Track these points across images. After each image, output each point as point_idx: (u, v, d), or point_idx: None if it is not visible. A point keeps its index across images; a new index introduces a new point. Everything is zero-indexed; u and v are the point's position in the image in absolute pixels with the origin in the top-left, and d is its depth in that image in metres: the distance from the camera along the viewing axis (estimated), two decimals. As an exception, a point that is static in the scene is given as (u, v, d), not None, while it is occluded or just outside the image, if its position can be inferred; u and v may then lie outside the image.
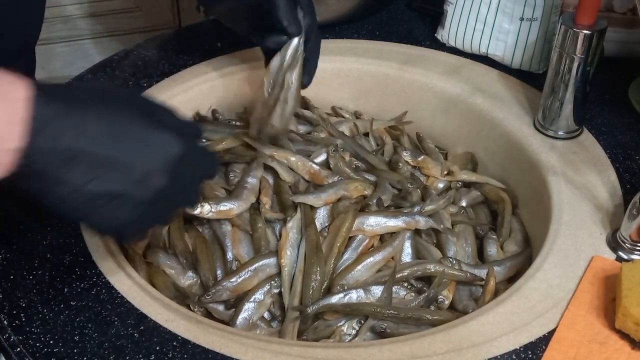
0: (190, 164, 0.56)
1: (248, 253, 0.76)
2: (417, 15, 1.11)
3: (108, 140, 0.50)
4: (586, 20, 0.78)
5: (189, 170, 0.57)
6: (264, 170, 0.83)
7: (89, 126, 0.49)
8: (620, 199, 0.77)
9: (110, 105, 0.52)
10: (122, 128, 0.51)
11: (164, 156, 0.53)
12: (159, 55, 0.99)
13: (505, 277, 0.77)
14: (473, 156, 0.94)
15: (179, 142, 0.54)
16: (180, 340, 0.61)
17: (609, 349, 0.62)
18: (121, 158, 0.51)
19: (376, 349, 0.62)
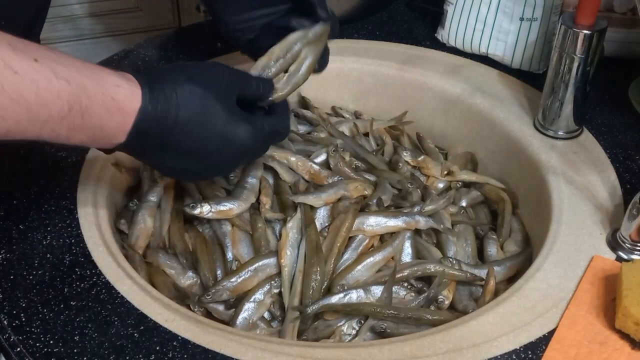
0: (258, 149, 0.70)
1: (248, 253, 0.76)
2: (417, 15, 1.11)
3: (192, 138, 0.62)
4: (586, 20, 0.78)
5: (256, 151, 0.72)
6: (264, 170, 0.83)
7: (181, 128, 0.61)
8: (620, 199, 0.77)
9: (198, 104, 0.61)
10: (205, 126, 0.62)
11: (234, 150, 0.65)
12: (159, 55, 0.99)
13: (505, 277, 0.77)
14: (473, 156, 0.94)
15: (250, 137, 0.65)
16: (180, 340, 0.61)
17: (609, 349, 0.62)
18: (200, 151, 0.63)
19: (376, 349, 0.62)
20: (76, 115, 0.54)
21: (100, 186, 0.78)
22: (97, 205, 0.76)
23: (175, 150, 0.62)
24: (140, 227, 0.78)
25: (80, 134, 0.56)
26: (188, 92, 0.61)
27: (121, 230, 0.79)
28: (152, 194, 0.80)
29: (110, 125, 0.57)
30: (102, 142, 0.59)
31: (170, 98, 0.60)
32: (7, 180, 0.77)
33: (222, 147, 0.64)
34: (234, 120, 0.64)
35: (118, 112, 0.57)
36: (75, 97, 0.54)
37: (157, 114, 0.59)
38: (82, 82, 0.55)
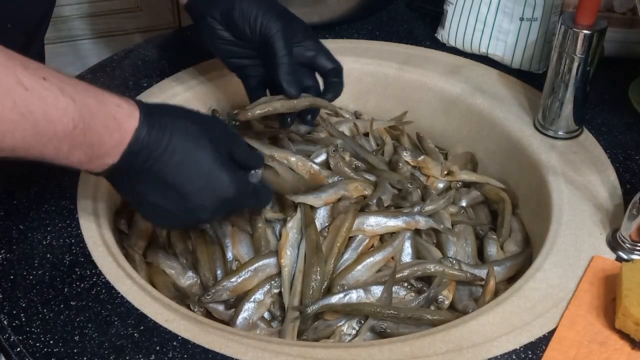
0: (238, 203, 0.67)
1: (248, 253, 0.76)
2: (417, 15, 1.11)
3: (177, 173, 0.62)
4: (586, 20, 0.78)
5: (236, 208, 0.71)
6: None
7: (170, 161, 0.61)
8: (620, 199, 0.77)
9: (195, 145, 0.62)
10: (192, 164, 0.62)
11: (215, 197, 0.64)
12: (159, 55, 0.99)
13: (505, 277, 0.77)
14: (473, 156, 0.94)
15: (233, 187, 0.64)
16: (180, 340, 0.61)
17: (609, 349, 0.62)
18: (182, 189, 0.62)
19: (376, 349, 0.62)
20: (79, 133, 0.56)
21: (100, 186, 0.78)
22: (97, 205, 0.76)
23: (158, 182, 0.62)
24: (140, 227, 0.78)
25: (79, 151, 0.57)
26: (184, 126, 0.62)
27: (121, 230, 0.79)
28: (152, 194, 0.80)
29: (109, 144, 0.58)
30: (96, 162, 0.59)
31: (166, 126, 0.61)
32: (7, 180, 0.77)
33: (205, 189, 0.63)
34: (222, 166, 0.64)
35: (117, 131, 0.58)
36: (79, 114, 0.55)
37: (151, 138, 0.60)
38: (87, 101, 0.56)
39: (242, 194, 0.66)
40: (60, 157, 0.57)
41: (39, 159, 0.57)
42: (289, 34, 0.78)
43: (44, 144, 0.55)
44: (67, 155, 0.57)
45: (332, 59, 0.82)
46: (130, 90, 0.91)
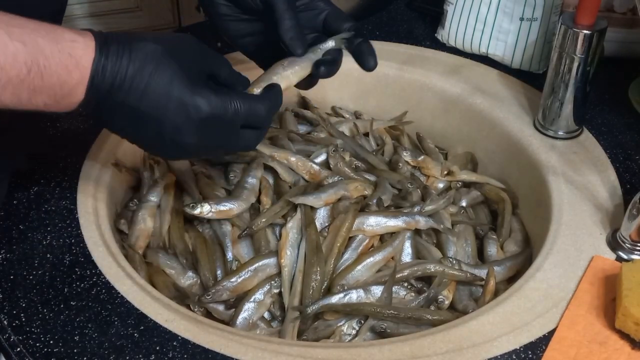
0: (223, 121, 0.62)
1: (248, 253, 0.76)
2: (417, 15, 1.11)
3: (145, 98, 0.59)
4: (586, 20, 0.78)
5: (222, 126, 0.63)
6: (264, 170, 0.83)
7: (133, 86, 0.58)
8: (620, 199, 0.77)
9: (158, 65, 0.59)
10: (160, 87, 0.59)
11: (189, 118, 0.60)
12: (159, 55, 0.99)
13: (505, 277, 0.77)
14: (473, 156, 0.94)
15: (207, 104, 0.60)
16: (180, 340, 0.61)
17: (609, 349, 0.62)
18: (152, 114, 0.59)
19: (376, 349, 0.62)
20: (35, 77, 0.54)
21: (100, 186, 0.78)
22: (97, 205, 0.76)
23: (128, 111, 0.59)
24: (140, 227, 0.78)
25: (41, 95, 0.55)
26: (143, 48, 0.59)
27: (121, 230, 0.79)
28: (152, 194, 0.80)
29: (70, 83, 0.56)
30: (64, 103, 0.57)
31: (124, 52, 0.58)
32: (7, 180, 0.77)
33: (177, 111, 0.59)
34: (190, 83, 0.60)
35: (76, 68, 0.56)
36: (32, 57, 0.54)
37: (109, 65, 0.57)
38: (38, 42, 0.54)
39: (221, 110, 0.62)
40: (23, 103, 0.55)
41: (2, 106, 0.55)
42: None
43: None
44: (29, 101, 0.55)
45: (346, 18, 0.77)
46: (130, 90, 0.91)
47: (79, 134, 0.84)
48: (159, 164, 0.84)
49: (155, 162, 0.85)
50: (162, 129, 0.60)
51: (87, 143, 0.82)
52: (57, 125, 0.85)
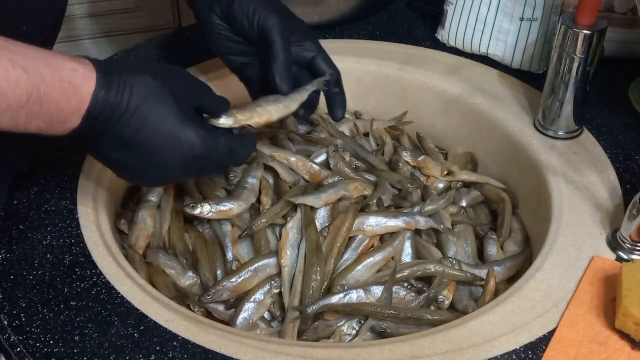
0: (210, 160, 0.66)
1: (248, 253, 0.76)
2: (417, 15, 1.11)
3: (140, 131, 0.61)
4: (586, 20, 0.78)
5: (207, 164, 0.67)
6: (264, 170, 0.83)
7: (131, 119, 0.60)
8: (620, 199, 0.77)
9: (156, 100, 0.61)
10: (154, 122, 0.61)
11: (179, 155, 0.63)
12: (159, 55, 0.99)
13: (505, 277, 0.77)
14: (473, 156, 0.94)
15: (198, 143, 0.63)
16: (180, 340, 0.61)
17: (609, 349, 0.62)
18: (144, 147, 0.61)
19: (376, 349, 0.62)
20: (34, 103, 0.55)
21: (100, 186, 0.78)
22: (97, 205, 0.76)
23: (122, 141, 0.61)
24: (140, 227, 0.78)
25: (37, 120, 0.56)
26: (144, 82, 0.61)
27: (121, 230, 0.79)
28: (152, 194, 0.80)
29: (67, 110, 0.57)
30: (57, 128, 0.58)
31: (125, 85, 0.60)
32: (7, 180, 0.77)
33: (170, 147, 0.62)
34: (186, 122, 0.62)
35: (74, 96, 0.57)
36: (33, 85, 0.55)
37: (110, 98, 0.59)
38: (40, 70, 0.55)
39: (213, 150, 0.65)
40: (18, 127, 0.56)
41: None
42: (287, 30, 0.76)
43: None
44: (25, 125, 0.56)
45: (331, 64, 0.81)
46: (130, 90, 0.91)
47: (79, 134, 0.84)
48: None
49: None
50: (151, 161, 0.63)
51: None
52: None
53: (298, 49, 0.79)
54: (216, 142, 0.65)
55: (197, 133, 0.63)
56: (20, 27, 0.71)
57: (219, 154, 0.66)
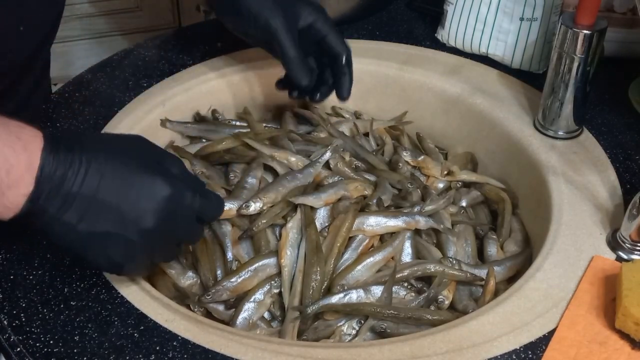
0: (183, 205, 0.60)
1: (248, 253, 0.76)
2: (417, 15, 1.11)
3: (102, 186, 0.56)
4: (586, 20, 0.78)
5: (181, 212, 0.61)
6: (264, 170, 0.83)
7: (88, 174, 0.55)
8: (620, 199, 0.77)
9: (112, 154, 0.57)
10: (116, 175, 0.56)
11: (152, 200, 0.58)
12: (159, 55, 0.99)
13: (505, 277, 0.77)
14: (473, 156, 0.94)
15: (168, 185, 0.58)
16: (180, 340, 0.61)
17: (609, 349, 0.62)
18: (112, 202, 0.56)
19: (376, 349, 0.62)
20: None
21: (100, 186, 0.78)
22: (97, 205, 0.76)
23: (85, 204, 0.55)
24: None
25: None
26: (93, 139, 0.58)
27: (121, 230, 0.79)
28: (152, 194, 0.80)
29: (17, 168, 0.52)
30: (10, 195, 0.53)
31: (74, 143, 0.56)
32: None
33: (139, 195, 0.57)
34: (150, 168, 0.58)
35: (24, 152, 0.53)
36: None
37: (61, 156, 0.55)
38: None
39: (184, 193, 0.60)
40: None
41: None
42: (291, 24, 0.76)
43: None
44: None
45: (341, 43, 0.81)
46: (130, 90, 0.91)
47: (79, 134, 0.84)
48: (159, 164, 0.84)
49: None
50: (123, 218, 0.57)
51: (87, 143, 0.82)
52: (57, 125, 0.85)
53: (307, 31, 0.79)
54: (186, 185, 0.61)
55: (165, 177, 0.59)
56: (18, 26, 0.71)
57: (191, 196, 0.61)
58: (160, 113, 0.90)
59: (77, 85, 0.92)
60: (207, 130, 0.91)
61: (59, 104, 0.89)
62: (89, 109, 0.88)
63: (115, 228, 0.57)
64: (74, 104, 0.89)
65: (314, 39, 0.80)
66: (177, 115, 0.92)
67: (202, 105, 0.95)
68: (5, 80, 0.77)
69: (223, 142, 0.87)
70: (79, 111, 0.87)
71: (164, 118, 0.90)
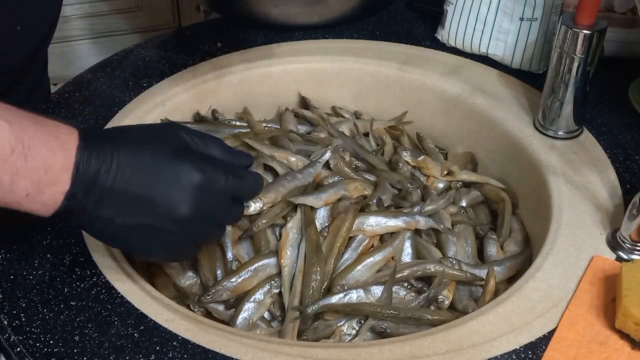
0: (216, 189, 0.61)
1: (248, 253, 0.76)
2: (417, 15, 1.11)
3: (133, 179, 0.57)
4: (586, 20, 0.78)
5: (215, 195, 0.62)
6: (264, 170, 0.83)
7: (120, 169, 0.57)
8: (620, 199, 0.77)
9: (140, 146, 0.58)
10: (145, 167, 0.58)
11: (182, 188, 0.59)
12: (159, 55, 0.99)
13: (505, 277, 0.77)
14: (473, 156, 0.94)
15: (197, 172, 0.59)
16: (180, 340, 0.61)
17: (609, 349, 0.62)
18: (143, 194, 0.57)
19: (376, 349, 0.62)
20: (19, 157, 0.52)
21: (100, 186, 0.78)
22: (97, 205, 0.76)
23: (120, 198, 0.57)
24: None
25: (24, 180, 0.53)
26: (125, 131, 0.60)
27: (121, 230, 0.79)
28: (152, 194, 0.80)
29: (54, 167, 0.54)
30: (48, 193, 0.54)
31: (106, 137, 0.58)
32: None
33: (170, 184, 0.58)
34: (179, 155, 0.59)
35: (61, 151, 0.54)
36: (16, 136, 0.52)
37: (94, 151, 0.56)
38: (23, 122, 0.53)
39: (217, 177, 0.60)
40: (4, 187, 0.52)
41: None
42: None
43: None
44: (10, 186, 0.52)
45: None
46: (130, 90, 0.91)
47: (79, 134, 0.84)
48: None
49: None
50: (156, 208, 0.58)
51: (87, 143, 0.82)
52: (57, 125, 0.85)
53: None
54: (216, 167, 0.62)
55: (193, 162, 0.60)
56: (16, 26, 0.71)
57: (223, 181, 0.61)
58: (160, 113, 0.90)
59: (77, 85, 0.93)
60: (207, 130, 0.90)
61: (59, 104, 0.89)
62: (89, 109, 0.88)
63: (150, 219, 0.58)
64: (74, 104, 0.89)
65: None
66: (177, 115, 0.92)
67: (202, 105, 0.95)
68: (5, 80, 0.77)
69: (223, 142, 0.87)
70: (79, 111, 0.87)
71: (164, 118, 0.90)
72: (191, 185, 0.59)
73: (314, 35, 1.04)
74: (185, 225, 0.60)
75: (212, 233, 0.67)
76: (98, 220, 0.58)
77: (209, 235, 0.67)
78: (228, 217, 0.67)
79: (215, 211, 0.63)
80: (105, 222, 0.58)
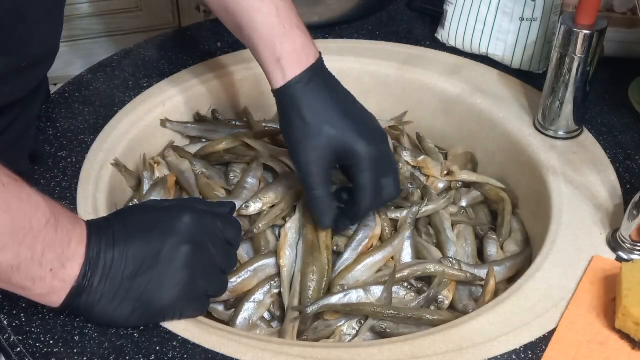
0: (206, 259, 0.63)
1: (248, 253, 0.76)
2: (417, 15, 1.11)
3: (138, 276, 0.59)
4: (586, 20, 0.78)
5: (206, 264, 0.63)
6: (264, 170, 0.83)
7: (126, 263, 0.59)
8: (620, 199, 0.77)
9: (147, 240, 0.60)
10: (149, 264, 0.60)
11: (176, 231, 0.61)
12: (159, 55, 0.99)
13: (505, 277, 0.77)
14: (473, 156, 0.94)
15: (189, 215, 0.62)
16: (180, 340, 0.61)
17: (609, 349, 0.62)
18: (140, 292, 0.60)
19: (376, 349, 0.62)
20: (51, 229, 0.56)
21: (100, 186, 0.78)
22: (97, 205, 0.76)
23: (121, 287, 0.59)
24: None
25: (52, 252, 0.56)
26: (131, 211, 0.65)
27: (121, 230, 0.79)
28: (152, 194, 0.80)
29: (74, 241, 0.58)
30: (68, 266, 0.57)
31: (120, 214, 0.63)
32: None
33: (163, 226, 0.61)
34: (175, 209, 0.63)
35: (78, 225, 0.59)
36: (51, 210, 0.57)
37: (103, 228, 0.60)
38: (53, 199, 0.59)
39: (205, 224, 0.63)
40: (35, 260, 0.55)
41: (8, 272, 0.55)
42: (324, 161, 0.72)
43: (19, 241, 0.54)
44: (40, 259, 0.55)
45: (366, 196, 0.72)
46: (130, 90, 0.91)
47: (79, 134, 0.84)
48: (159, 164, 0.85)
49: (156, 162, 0.85)
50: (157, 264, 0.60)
51: (87, 143, 0.82)
52: (57, 126, 0.85)
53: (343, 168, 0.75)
54: (204, 216, 0.64)
55: (187, 211, 0.63)
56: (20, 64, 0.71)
57: (214, 229, 0.64)
58: (160, 113, 0.90)
59: (77, 85, 0.93)
60: (207, 130, 0.91)
61: (59, 104, 0.89)
62: (89, 109, 0.88)
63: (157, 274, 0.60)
64: (74, 104, 0.89)
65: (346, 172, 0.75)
66: (177, 115, 0.92)
67: (202, 105, 0.95)
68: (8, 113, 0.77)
69: (223, 142, 0.87)
70: (79, 111, 0.87)
71: (164, 118, 0.90)
72: (185, 230, 0.62)
73: (314, 35, 1.03)
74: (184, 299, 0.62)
75: (217, 285, 0.67)
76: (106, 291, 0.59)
77: (215, 288, 0.66)
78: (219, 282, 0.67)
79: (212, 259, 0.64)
80: (120, 317, 0.61)
